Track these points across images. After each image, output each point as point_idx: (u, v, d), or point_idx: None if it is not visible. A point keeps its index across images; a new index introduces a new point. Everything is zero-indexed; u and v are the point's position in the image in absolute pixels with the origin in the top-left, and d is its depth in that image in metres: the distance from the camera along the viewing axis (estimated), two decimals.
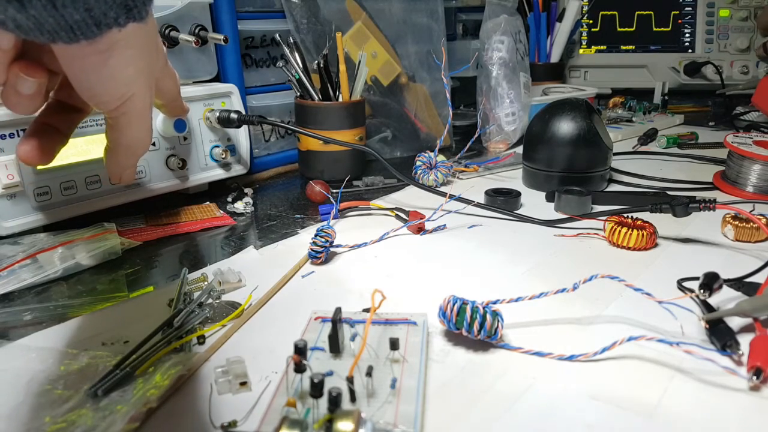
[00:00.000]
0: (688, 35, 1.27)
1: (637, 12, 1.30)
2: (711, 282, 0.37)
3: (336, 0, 0.77)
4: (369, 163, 0.76)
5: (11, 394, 0.31)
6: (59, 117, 0.39)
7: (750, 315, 0.35)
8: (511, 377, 0.32)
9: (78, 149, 0.51)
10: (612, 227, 0.49)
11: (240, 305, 0.39)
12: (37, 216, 0.49)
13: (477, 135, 0.71)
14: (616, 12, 1.31)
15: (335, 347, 0.32)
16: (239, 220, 0.58)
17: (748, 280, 0.41)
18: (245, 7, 0.72)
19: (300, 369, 0.28)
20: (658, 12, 1.29)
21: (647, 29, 1.30)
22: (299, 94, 0.70)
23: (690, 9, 1.27)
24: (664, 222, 0.52)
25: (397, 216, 0.57)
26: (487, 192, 0.60)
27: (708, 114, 1.08)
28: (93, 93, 0.32)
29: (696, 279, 0.38)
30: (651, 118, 1.01)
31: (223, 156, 0.63)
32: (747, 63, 1.23)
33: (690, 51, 1.27)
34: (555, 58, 1.14)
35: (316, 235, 0.46)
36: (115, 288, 0.44)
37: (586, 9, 1.30)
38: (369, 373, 0.29)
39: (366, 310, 0.36)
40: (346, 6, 0.78)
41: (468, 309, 0.34)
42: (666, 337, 0.32)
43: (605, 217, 0.51)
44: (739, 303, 0.36)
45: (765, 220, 0.48)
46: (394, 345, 0.31)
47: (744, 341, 0.33)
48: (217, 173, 0.64)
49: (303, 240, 0.51)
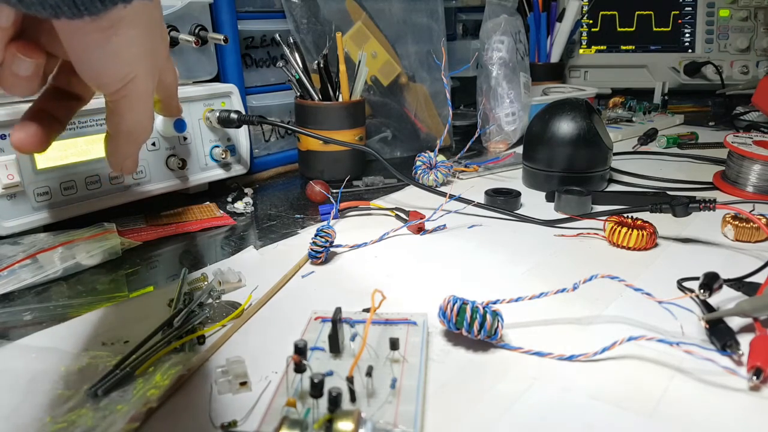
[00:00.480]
0: (688, 35, 1.27)
1: (637, 12, 1.30)
2: (711, 282, 0.37)
3: (336, 0, 0.77)
4: (369, 163, 0.76)
5: (11, 394, 0.31)
6: (57, 104, 0.37)
7: (750, 315, 0.35)
8: (511, 377, 0.32)
9: (78, 149, 0.51)
10: (612, 227, 0.49)
11: (240, 305, 0.39)
12: (37, 216, 0.49)
13: (477, 135, 0.71)
14: (616, 12, 1.31)
15: (335, 347, 0.32)
16: (239, 220, 0.58)
17: (748, 280, 0.41)
18: (245, 7, 0.72)
19: (300, 369, 0.28)
20: (658, 12, 1.29)
21: (647, 29, 1.30)
22: (299, 94, 0.70)
23: (690, 9, 1.27)
24: (664, 222, 0.52)
25: (397, 216, 0.57)
26: (487, 192, 0.60)
27: (708, 114, 1.08)
28: (94, 73, 0.31)
29: (696, 279, 0.38)
30: (651, 118, 1.01)
31: (223, 156, 0.63)
32: (747, 63, 1.23)
33: (690, 51, 1.27)
34: (555, 58, 1.14)
35: (316, 235, 0.46)
36: (115, 288, 0.44)
37: (586, 9, 1.30)
38: (369, 373, 0.29)
39: (366, 310, 0.36)
40: (346, 6, 0.78)
41: (468, 309, 0.34)
42: (666, 337, 0.32)
43: (605, 217, 0.51)
44: (739, 303, 0.36)
45: (765, 220, 0.48)
46: (394, 345, 0.31)
47: (744, 341, 0.33)
48: (217, 173, 0.64)
49: (303, 240, 0.51)
